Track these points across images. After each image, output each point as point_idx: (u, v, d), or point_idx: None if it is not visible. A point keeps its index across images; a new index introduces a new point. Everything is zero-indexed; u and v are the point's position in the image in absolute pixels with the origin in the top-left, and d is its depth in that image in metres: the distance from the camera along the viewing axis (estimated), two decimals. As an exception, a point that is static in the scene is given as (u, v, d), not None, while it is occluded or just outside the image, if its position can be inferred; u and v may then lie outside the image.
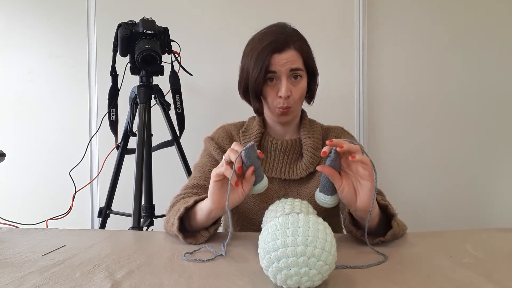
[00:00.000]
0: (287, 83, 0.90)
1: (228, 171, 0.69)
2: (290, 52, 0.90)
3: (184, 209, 0.77)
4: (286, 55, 0.90)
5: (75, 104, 1.76)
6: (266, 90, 0.92)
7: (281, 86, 0.89)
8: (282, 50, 0.90)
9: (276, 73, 0.90)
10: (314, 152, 0.96)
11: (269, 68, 0.89)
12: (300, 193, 0.96)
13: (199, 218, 0.78)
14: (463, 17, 1.77)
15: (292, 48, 0.91)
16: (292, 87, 0.91)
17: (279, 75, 0.90)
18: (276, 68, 0.89)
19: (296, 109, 0.95)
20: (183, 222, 0.80)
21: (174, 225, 0.77)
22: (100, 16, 1.74)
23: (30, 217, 1.24)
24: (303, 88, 0.94)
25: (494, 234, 0.83)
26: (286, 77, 0.90)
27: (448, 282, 0.56)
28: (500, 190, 1.81)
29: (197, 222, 0.78)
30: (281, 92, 0.89)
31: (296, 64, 0.91)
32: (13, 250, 0.74)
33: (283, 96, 0.89)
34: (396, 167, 1.79)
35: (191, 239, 0.77)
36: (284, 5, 1.74)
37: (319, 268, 0.50)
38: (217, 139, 1.02)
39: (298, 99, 0.93)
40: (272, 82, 0.91)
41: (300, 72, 0.92)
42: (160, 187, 1.49)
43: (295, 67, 0.90)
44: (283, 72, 0.89)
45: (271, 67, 0.89)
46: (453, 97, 1.78)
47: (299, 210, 0.72)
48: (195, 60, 1.64)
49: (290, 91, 0.90)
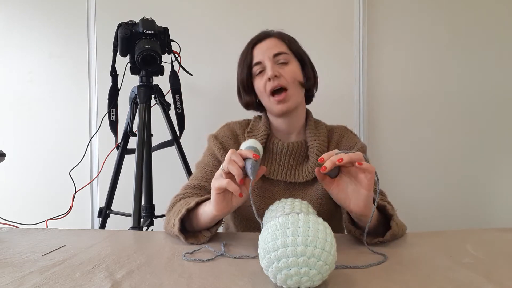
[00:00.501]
0: (273, 65, 0.91)
1: (230, 186, 0.67)
2: (270, 39, 0.95)
3: (185, 211, 0.77)
4: (266, 42, 0.94)
5: (75, 104, 1.76)
6: (257, 83, 0.94)
7: (267, 69, 0.91)
8: (262, 40, 0.95)
9: (261, 63, 0.92)
10: (319, 155, 0.95)
11: (253, 61, 0.93)
12: (305, 196, 0.95)
13: (202, 220, 0.77)
14: (463, 17, 1.77)
15: (272, 37, 0.96)
16: (281, 70, 0.92)
17: (264, 63, 0.92)
18: (258, 57, 0.93)
19: (293, 94, 0.93)
20: (184, 223, 0.80)
21: (175, 226, 0.77)
22: (100, 16, 1.74)
23: (30, 217, 1.24)
24: (294, 71, 0.93)
25: (494, 234, 0.83)
26: (271, 61, 0.92)
27: (448, 282, 0.56)
28: (500, 190, 1.81)
29: (199, 223, 0.78)
30: (267, 73, 0.91)
31: (279, 48, 0.93)
32: (13, 250, 0.74)
33: (269, 76, 0.90)
34: (396, 167, 1.79)
35: (192, 239, 0.77)
36: (284, 5, 1.74)
37: (319, 268, 0.50)
38: (221, 138, 1.00)
39: (290, 79, 0.92)
40: (261, 73, 0.93)
41: (285, 56, 0.93)
42: (160, 187, 1.49)
43: (278, 52, 0.93)
44: (266, 58, 0.92)
45: (255, 59, 0.93)
46: (453, 97, 1.78)
47: (299, 210, 0.72)
48: (195, 60, 1.64)
49: (278, 72, 0.91)
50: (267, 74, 0.90)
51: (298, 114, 0.99)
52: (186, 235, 0.77)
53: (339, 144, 0.99)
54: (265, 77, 0.91)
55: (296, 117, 0.98)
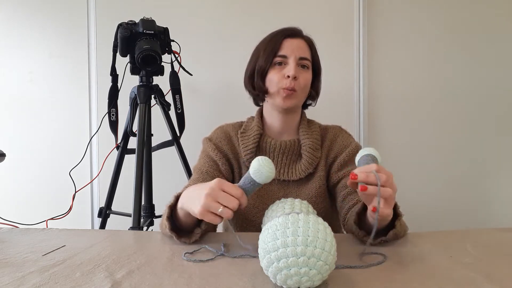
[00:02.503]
0: (296, 66, 0.92)
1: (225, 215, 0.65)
2: (301, 40, 0.95)
3: (168, 208, 0.77)
4: (297, 41, 0.94)
5: (75, 104, 1.76)
6: (273, 72, 0.93)
7: (290, 68, 0.91)
8: (294, 36, 0.95)
9: (286, 57, 0.92)
10: (312, 153, 0.96)
11: (279, 52, 0.93)
12: (299, 194, 0.96)
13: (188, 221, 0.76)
14: (463, 17, 1.77)
15: (303, 38, 0.96)
16: (299, 74, 0.93)
17: (288, 59, 0.92)
18: (286, 52, 0.92)
19: (300, 96, 0.95)
20: (175, 222, 0.79)
21: (166, 226, 0.77)
22: (100, 16, 1.74)
23: (30, 217, 1.24)
24: (309, 79, 0.95)
25: (494, 234, 0.83)
26: (295, 61, 0.92)
27: (448, 282, 0.56)
28: (500, 190, 1.81)
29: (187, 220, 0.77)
30: (289, 71, 0.90)
31: (306, 53, 0.94)
32: (13, 250, 0.74)
33: (291, 76, 0.90)
34: (396, 167, 1.78)
35: (185, 238, 0.76)
36: (284, 5, 1.74)
37: (319, 268, 0.50)
38: (215, 140, 1.01)
39: (303, 85, 0.93)
40: (280, 66, 0.93)
41: (307, 62, 0.94)
42: (160, 187, 1.49)
43: (304, 56, 0.94)
44: (292, 57, 0.92)
45: (281, 51, 0.93)
46: (453, 97, 1.78)
47: (299, 210, 0.72)
48: (195, 60, 1.64)
49: (298, 74, 0.92)
50: (288, 71, 0.91)
51: (295, 114, 1.00)
52: (179, 234, 0.76)
53: (333, 144, 1.00)
54: (283, 72, 0.92)
55: (292, 116, 0.99)
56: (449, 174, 1.79)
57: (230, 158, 1.00)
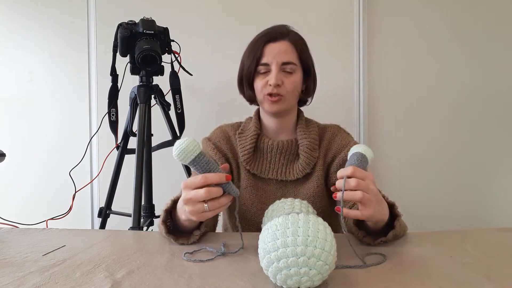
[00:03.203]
0: (278, 72, 0.90)
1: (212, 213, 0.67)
2: (284, 43, 0.92)
3: (164, 212, 0.77)
4: (279, 44, 0.91)
5: (75, 104, 1.76)
6: (258, 80, 0.93)
7: (272, 76, 0.89)
8: (276, 40, 0.91)
9: (268, 65, 0.91)
10: (310, 153, 0.96)
11: (261, 60, 0.91)
12: (297, 194, 0.96)
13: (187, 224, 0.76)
14: (463, 17, 1.77)
15: (286, 39, 0.92)
16: (284, 78, 0.91)
17: (270, 66, 0.91)
18: (268, 59, 0.90)
19: (289, 100, 0.93)
20: (173, 222, 0.79)
21: (162, 230, 0.77)
22: (100, 16, 1.74)
23: (30, 217, 1.24)
24: (296, 82, 0.93)
25: (494, 234, 0.83)
26: (278, 68, 0.90)
27: (448, 282, 0.56)
28: (500, 190, 1.81)
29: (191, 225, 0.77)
30: (271, 80, 0.89)
31: (289, 57, 0.91)
32: (13, 250, 0.74)
33: (272, 84, 0.89)
34: (396, 167, 1.79)
35: (183, 239, 0.76)
36: (284, 5, 1.74)
37: (319, 268, 0.50)
38: (214, 140, 1.02)
39: (290, 89, 0.91)
40: (264, 74, 0.92)
41: (292, 66, 0.92)
42: (160, 187, 1.49)
43: (287, 61, 0.91)
44: (274, 63, 0.90)
45: (263, 59, 0.91)
46: (453, 97, 1.78)
47: (299, 210, 0.72)
48: (195, 60, 1.64)
49: (282, 80, 0.90)
50: (270, 79, 0.90)
51: (290, 115, 0.99)
52: (177, 236, 0.76)
53: (332, 143, 1.00)
54: (266, 79, 0.91)
55: (288, 117, 0.99)
56: (449, 174, 1.79)
57: (229, 158, 1.00)
